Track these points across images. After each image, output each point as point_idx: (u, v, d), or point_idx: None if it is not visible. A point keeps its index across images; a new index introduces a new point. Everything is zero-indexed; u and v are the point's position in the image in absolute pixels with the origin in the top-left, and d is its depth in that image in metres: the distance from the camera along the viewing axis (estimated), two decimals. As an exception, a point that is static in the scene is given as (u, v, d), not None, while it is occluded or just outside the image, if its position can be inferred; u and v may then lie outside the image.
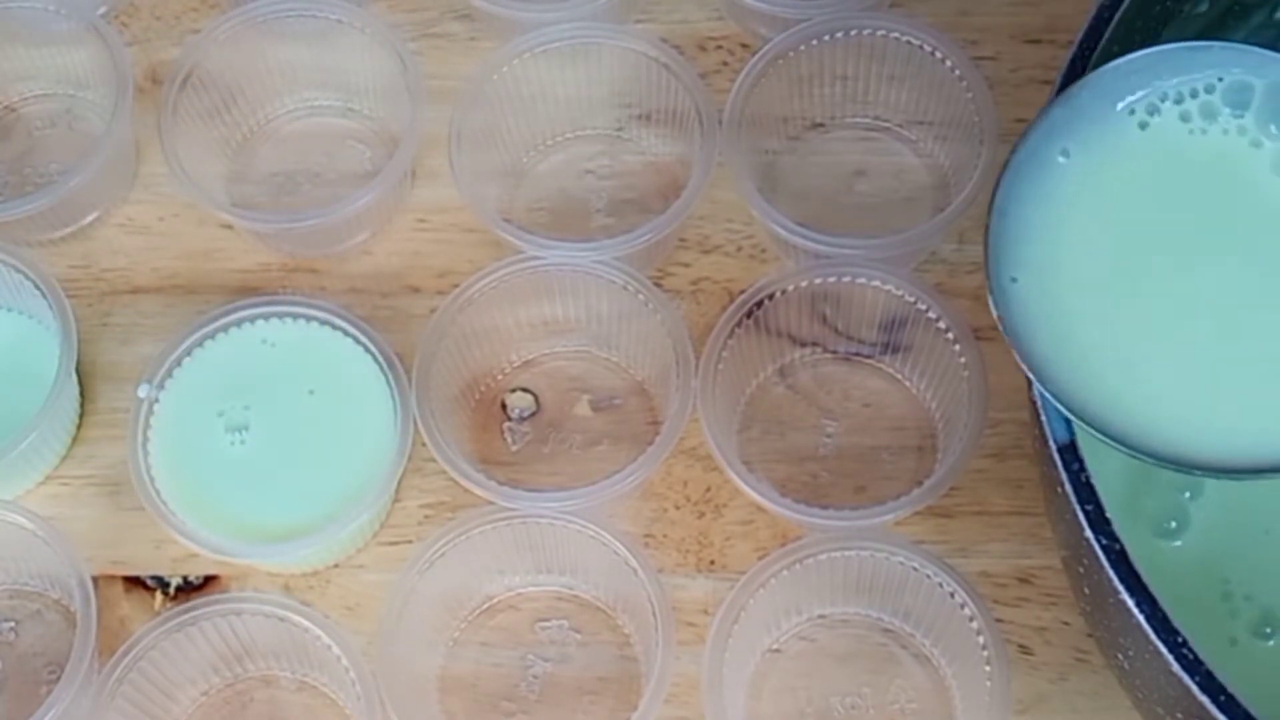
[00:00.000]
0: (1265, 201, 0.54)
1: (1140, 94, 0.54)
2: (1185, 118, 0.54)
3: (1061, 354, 0.52)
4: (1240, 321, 0.53)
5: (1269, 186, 0.54)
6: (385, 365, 0.68)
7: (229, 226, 0.75)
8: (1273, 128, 0.54)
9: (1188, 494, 0.61)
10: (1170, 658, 0.47)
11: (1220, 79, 0.54)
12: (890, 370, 0.71)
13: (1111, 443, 0.51)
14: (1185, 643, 0.47)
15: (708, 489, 0.69)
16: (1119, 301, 0.53)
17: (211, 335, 0.69)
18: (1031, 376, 0.52)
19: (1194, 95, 0.54)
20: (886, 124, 0.75)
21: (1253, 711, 0.47)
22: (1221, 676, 0.47)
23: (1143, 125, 0.55)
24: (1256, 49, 0.54)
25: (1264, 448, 0.51)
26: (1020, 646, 0.66)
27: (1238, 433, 0.52)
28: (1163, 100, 0.54)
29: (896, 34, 0.71)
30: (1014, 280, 0.53)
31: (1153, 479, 0.60)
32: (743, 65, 0.72)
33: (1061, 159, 0.54)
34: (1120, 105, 0.55)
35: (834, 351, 0.71)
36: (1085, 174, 0.54)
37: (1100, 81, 0.54)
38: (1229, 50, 0.54)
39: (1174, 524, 0.60)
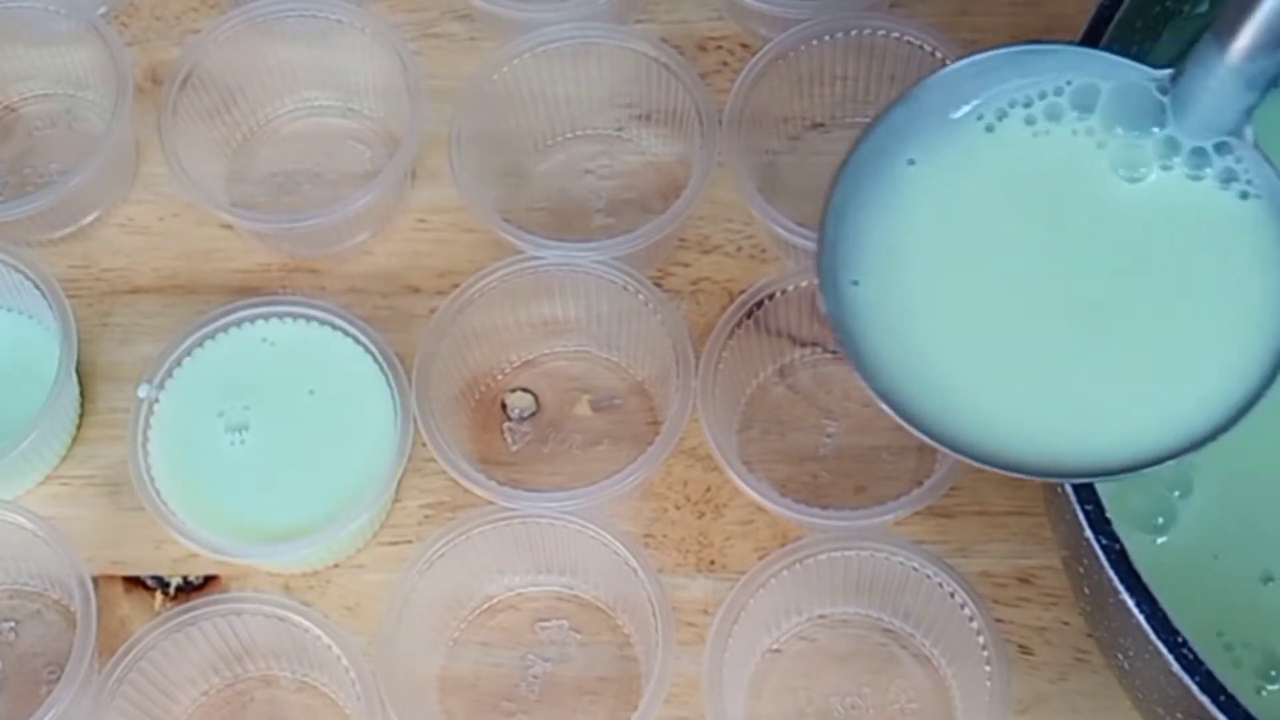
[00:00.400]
0: (1104, 202, 0.54)
1: (986, 96, 0.55)
2: (1030, 120, 0.54)
3: (899, 357, 0.53)
4: (1074, 323, 0.53)
5: (1109, 187, 0.54)
6: (385, 365, 0.68)
7: (229, 226, 0.75)
8: (1119, 129, 0.54)
9: (1177, 493, 0.61)
10: (1170, 658, 0.47)
11: (1069, 82, 0.54)
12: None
13: (945, 449, 0.51)
14: (1185, 643, 0.47)
15: (708, 489, 0.69)
16: (958, 304, 0.53)
17: (211, 335, 0.69)
18: (862, 379, 0.52)
19: (1042, 97, 0.55)
20: (886, 124, 0.75)
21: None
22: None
23: (990, 128, 0.55)
24: (1104, 53, 0.54)
25: (1095, 452, 0.51)
26: (1020, 646, 0.66)
27: (1066, 436, 0.51)
28: (1011, 106, 0.55)
29: (896, 34, 0.72)
30: (855, 283, 0.53)
31: (1142, 477, 0.60)
32: (743, 65, 0.72)
33: (909, 166, 0.54)
34: (966, 108, 0.55)
35: (834, 351, 0.71)
36: (932, 178, 0.54)
37: (944, 82, 0.54)
38: (1076, 54, 0.55)
39: (1160, 520, 0.60)
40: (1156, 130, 0.54)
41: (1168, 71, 0.53)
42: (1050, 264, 0.54)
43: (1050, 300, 0.53)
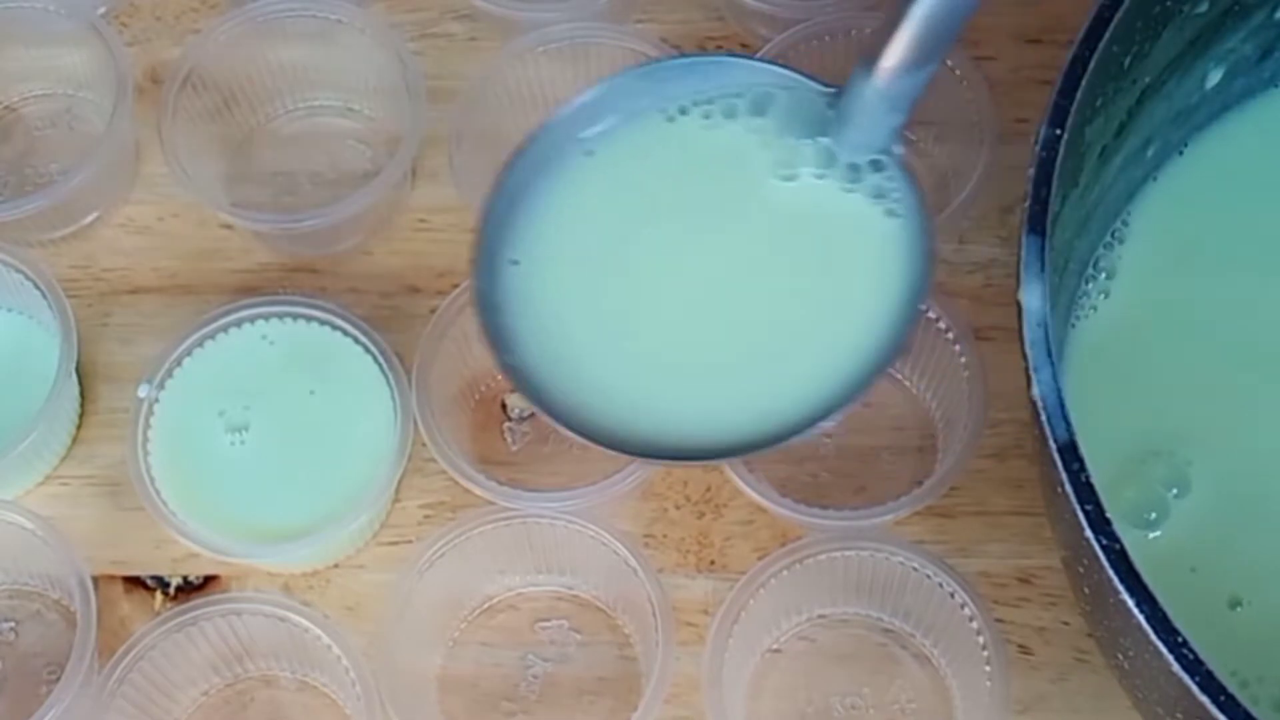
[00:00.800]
0: (757, 198, 0.56)
1: (669, 94, 0.58)
2: (707, 115, 0.57)
3: (545, 336, 0.55)
4: (708, 314, 0.56)
5: (764, 184, 0.57)
6: (385, 365, 0.68)
7: (229, 226, 0.75)
8: (788, 136, 0.57)
9: (1174, 491, 0.61)
10: (1170, 658, 0.47)
11: (750, 87, 0.57)
12: (890, 370, 0.71)
13: (569, 432, 0.55)
14: (1185, 643, 0.47)
15: (708, 489, 0.69)
16: (608, 288, 0.56)
17: (211, 335, 0.69)
18: (492, 354, 0.55)
19: (723, 97, 0.57)
20: (886, 124, 0.75)
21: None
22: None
23: (670, 119, 0.58)
24: (779, 67, 0.58)
25: (716, 436, 0.54)
26: (1020, 646, 0.66)
27: (691, 421, 0.55)
28: (695, 103, 0.57)
29: (896, 34, 0.71)
30: (515, 263, 0.56)
31: (1138, 473, 0.61)
32: (743, 65, 0.71)
33: (587, 156, 0.57)
34: (648, 102, 0.57)
35: (834, 351, 0.71)
36: (607, 168, 0.57)
37: (629, 80, 0.58)
38: (756, 67, 0.58)
39: (1153, 515, 0.60)
40: (819, 140, 0.57)
41: (833, 89, 0.56)
42: (698, 254, 0.57)
43: (690, 289, 0.56)
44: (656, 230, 0.57)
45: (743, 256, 0.57)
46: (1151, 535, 0.60)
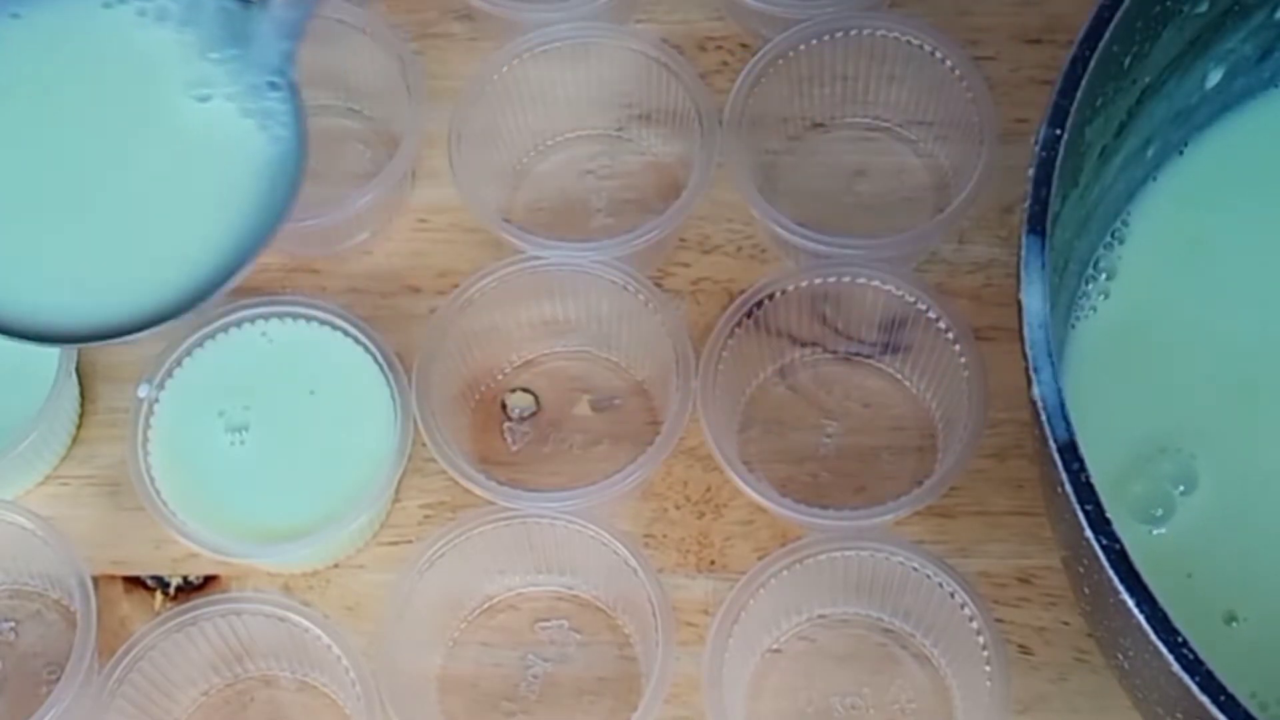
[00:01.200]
0: (166, 110, 0.59)
1: None
2: (142, 13, 0.59)
3: None
4: (84, 204, 0.58)
5: (176, 98, 0.59)
6: (385, 365, 0.68)
7: (229, 226, 0.75)
8: (210, 50, 0.59)
9: (1181, 488, 0.61)
10: (1170, 658, 0.47)
11: None
12: (890, 370, 0.71)
13: None
14: (1185, 643, 0.47)
15: (708, 489, 0.69)
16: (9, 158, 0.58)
17: (211, 335, 0.69)
18: None
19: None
20: (886, 124, 0.75)
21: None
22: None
23: (106, 6, 0.59)
24: None
25: (73, 320, 0.57)
26: (1020, 646, 0.66)
27: (51, 303, 0.57)
28: None
29: (896, 34, 0.71)
30: None
31: (1146, 470, 0.61)
32: (743, 65, 0.72)
33: (10, 18, 0.59)
34: None
35: (834, 351, 0.71)
36: (31, 36, 0.59)
37: None
38: None
39: (1160, 511, 0.60)
40: (229, 54, 0.59)
41: (248, 5, 0.59)
42: (88, 145, 0.58)
43: (72, 177, 0.58)
44: (54, 112, 0.58)
45: (130, 157, 0.58)
46: (1156, 531, 0.60)
